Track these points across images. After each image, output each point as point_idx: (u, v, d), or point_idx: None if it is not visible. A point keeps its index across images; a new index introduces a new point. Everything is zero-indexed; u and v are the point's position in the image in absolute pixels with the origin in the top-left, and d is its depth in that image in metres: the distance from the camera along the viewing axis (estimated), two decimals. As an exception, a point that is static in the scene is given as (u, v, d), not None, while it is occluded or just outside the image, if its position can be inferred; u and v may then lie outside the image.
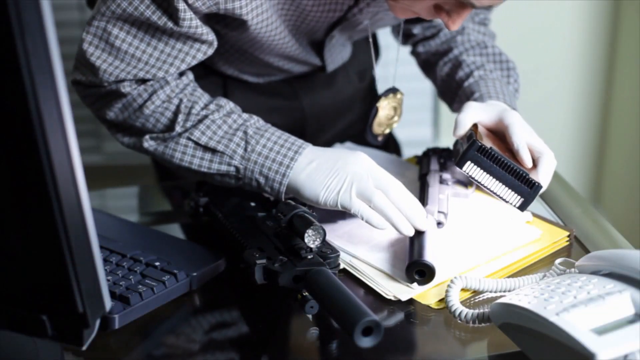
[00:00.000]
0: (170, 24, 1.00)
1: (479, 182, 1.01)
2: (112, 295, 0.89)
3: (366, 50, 1.42)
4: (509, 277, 0.98)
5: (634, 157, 2.42)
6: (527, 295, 0.80)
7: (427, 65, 1.35)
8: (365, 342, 0.78)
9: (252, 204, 1.07)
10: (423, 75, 1.39)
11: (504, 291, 0.93)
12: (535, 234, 1.06)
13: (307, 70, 1.30)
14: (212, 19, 1.08)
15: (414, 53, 1.37)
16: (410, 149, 1.46)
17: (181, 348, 0.90)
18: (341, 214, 1.09)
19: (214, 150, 1.04)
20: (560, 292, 0.78)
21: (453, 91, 1.28)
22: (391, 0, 1.01)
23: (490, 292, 0.94)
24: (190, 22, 1.00)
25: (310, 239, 0.92)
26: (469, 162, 1.00)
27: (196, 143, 1.04)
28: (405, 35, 1.36)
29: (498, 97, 1.17)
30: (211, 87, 1.25)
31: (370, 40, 1.26)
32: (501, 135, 1.10)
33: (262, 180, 1.03)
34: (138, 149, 1.09)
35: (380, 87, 1.46)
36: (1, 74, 0.60)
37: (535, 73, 2.52)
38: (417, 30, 1.32)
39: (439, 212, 1.06)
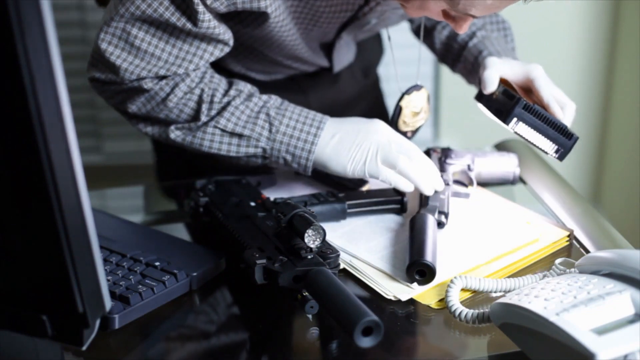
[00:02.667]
0: (189, 25, 1.03)
1: (522, 136, 1.08)
2: (112, 295, 0.89)
3: (371, 48, 1.43)
4: (509, 277, 0.98)
5: (634, 157, 2.42)
6: (527, 295, 0.80)
7: (424, 29, 1.36)
8: (365, 342, 0.78)
9: (252, 204, 1.07)
10: (420, 76, 1.39)
11: (504, 291, 0.93)
12: (535, 234, 1.06)
13: (314, 69, 1.32)
14: (226, 15, 1.09)
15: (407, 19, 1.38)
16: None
17: (181, 348, 0.90)
18: (342, 215, 1.09)
19: (240, 135, 1.09)
20: (560, 292, 0.78)
21: (456, 53, 1.30)
22: (404, 2, 1.02)
23: (490, 292, 0.94)
24: (209, 22, 1.03)
25: (310, 239, 0.92)
26: (515, 119, 1.07)
27: (223, 130, 1.09)
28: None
29: (506, 54, 1.20)
30: None
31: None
32: (524, 87, 1.14)
33: (289, 157, 1.08)
34: (164, 139, 1.13)
35: (385, 85, 1.45)
36: (1, 74, 0.60)
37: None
38: None
39: (440, 212, 1.06)
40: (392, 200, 1.11)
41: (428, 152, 1.23)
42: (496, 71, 1.13)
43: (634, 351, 0.70)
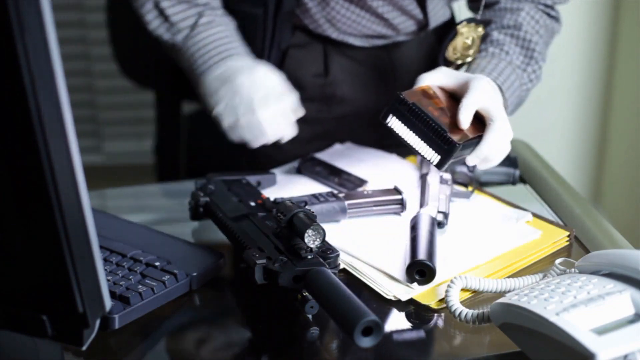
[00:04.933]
0: None
1: (400, 137, 1.01)
2: (112, 295, 0.89)
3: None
4: (509, 277, 0.98)
5: (634, 157, 2.42)
6: (527, 295, 0.80)
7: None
8: (365, 342, 0.78)
9: (252, 203, 1.07)
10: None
11: (504, 291, 0.93)
12: (535, 234, 1.06)
13: (410, 28, 1.29)
14: None
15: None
16: (410, 149, 1.46)
17: (181, 348, 0.90)
18: (342, 213, 1.09)
19: (166, 18, 1.19)
20: (560, 292, 0.78)
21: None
22: None
23: (490, 292, 0.94)
24: None
25: (310, 239, 0.92)
26: (391, 115, 1.01)
27: (156, 4, 1.19)
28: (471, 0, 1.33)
29: (490, 74, 1.13)
30: (312, 55, 1.32)
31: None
32: (459, 95, 1.05)
33: (187, 64, 1.19)
34: None
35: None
36: (1, 74, 0.60)
37: (535, 73, 2.51)
38: None
39: (440, 212, 1.06)
40: (392, 200, 1.11)
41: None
42: (430, 76, 1.07)
43: (634, 351, 0.70)
